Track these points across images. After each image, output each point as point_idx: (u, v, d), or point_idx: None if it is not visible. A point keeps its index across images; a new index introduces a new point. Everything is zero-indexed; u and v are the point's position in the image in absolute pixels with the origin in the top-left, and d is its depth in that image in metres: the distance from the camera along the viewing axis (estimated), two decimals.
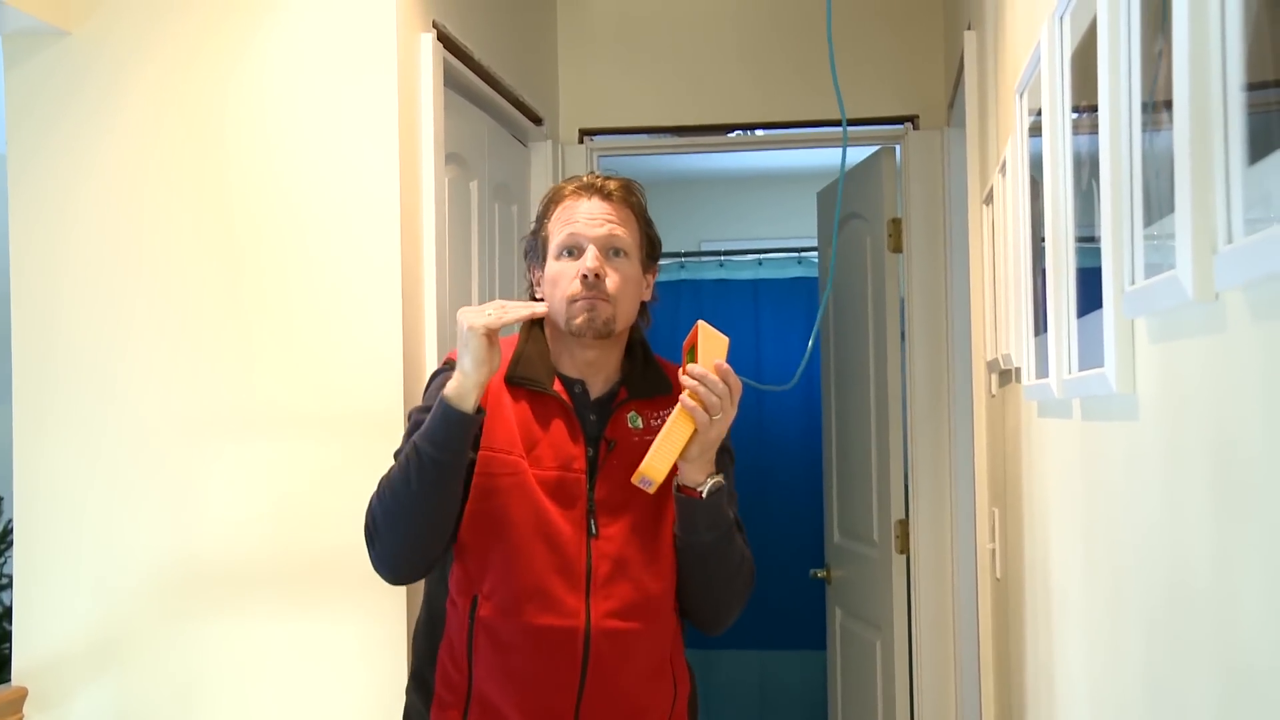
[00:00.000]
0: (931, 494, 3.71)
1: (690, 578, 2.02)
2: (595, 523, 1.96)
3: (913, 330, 3.76)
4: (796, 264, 6.23)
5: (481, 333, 1.86)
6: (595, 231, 2.00)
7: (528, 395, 2.00)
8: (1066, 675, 1.64)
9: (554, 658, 1.93)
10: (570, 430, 1.99)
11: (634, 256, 2.04)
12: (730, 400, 1.90)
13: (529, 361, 2.02)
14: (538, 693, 1.94)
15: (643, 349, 2.12)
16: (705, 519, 1.97)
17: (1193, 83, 0.84)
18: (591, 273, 1.97)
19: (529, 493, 1.94)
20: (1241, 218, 0.78)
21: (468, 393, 1.88)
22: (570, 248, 2.01)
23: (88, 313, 2.56)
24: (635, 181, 2.11)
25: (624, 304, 2.02)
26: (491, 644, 1.94)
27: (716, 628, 2.09)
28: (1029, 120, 1.79)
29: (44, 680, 2.52)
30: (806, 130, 3.88)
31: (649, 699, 2.02)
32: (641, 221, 2.08)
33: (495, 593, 1.94)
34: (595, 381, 2.05)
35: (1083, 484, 1.47)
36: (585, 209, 2.02)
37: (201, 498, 2.52)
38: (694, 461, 1.93)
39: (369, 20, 2.52)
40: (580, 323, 1.98)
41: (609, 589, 1.95)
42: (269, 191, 2.54)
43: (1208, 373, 0.91)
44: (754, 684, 6.12)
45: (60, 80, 2.58)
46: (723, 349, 1.92)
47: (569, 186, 2.07)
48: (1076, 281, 1.39)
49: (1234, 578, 0.85)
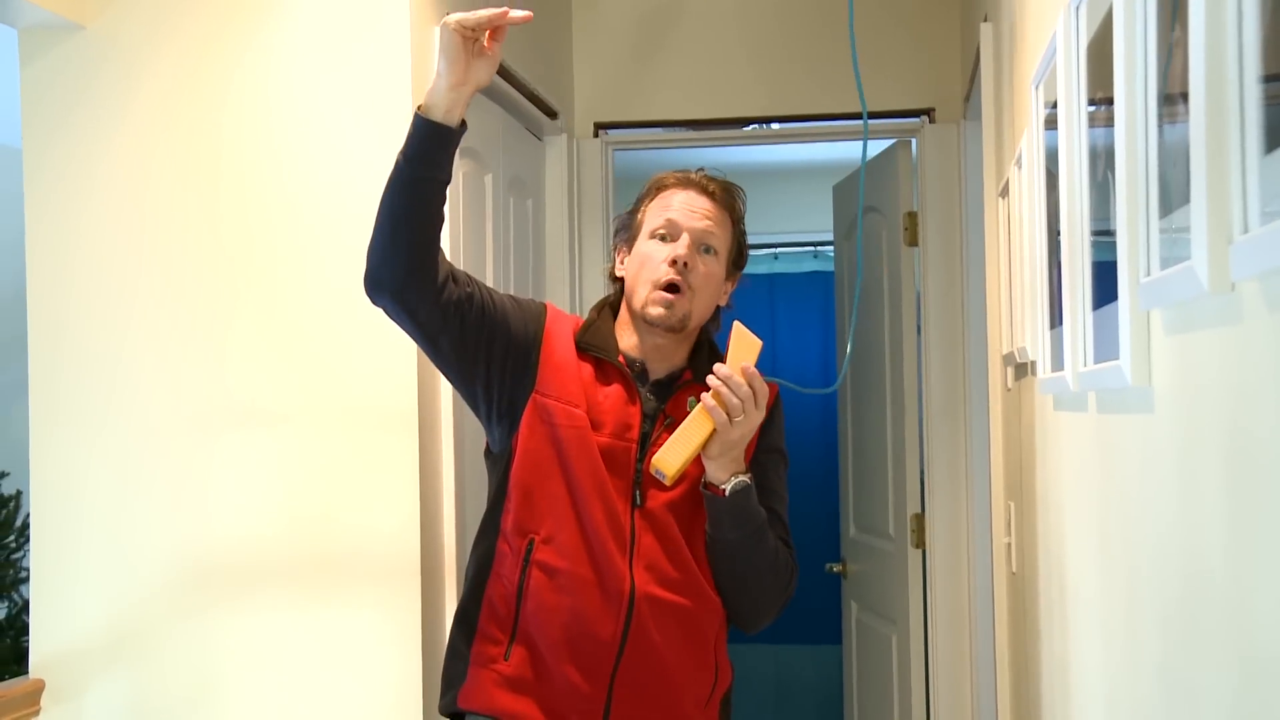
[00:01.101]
0: (947, 488, 3.70)
1: (720, 572, 2.05)
2: (641, 494, 1.99)
3: (929, 324, 3.74)
4: (812, 258, 6.21)
5: (453, 27, 1.82)
6: (692, 223, 2.04)
7: (594, 361, 2.03)
8: (1082, 669, 1.63)
9: (599, 613, 1.95)
10: (629, 401, 2.02)
11: (722, 258, 2.08)
12: (753, 404, 1.91)
13: (598, 332, 2.07)
14: (580, 643, 1.96)
15: (711, 347, 2.14)
16: (730, 517, 1.99)
17: (1209, 72, 0.83)
18: (682, 259, 2.00)
19: (589, 448, 1.97)
20: (1258, 208, 0.77)
21: (440, 97, 1.85)
22: (665, 233, 2.04)
23: (102, 307, 2.57)
24: (738, 187, 2.14)
25: (702, 300, 2.05)
26: (543, 587, 1.96)
27: (752, 625, 2.12)
28: (1045, 112, 1.78)
29: (61, 672, 2.53)
30: (822, 124, 3.87)
31: (687, 678, 2.03)
32: (736, 227, 2.12)
33: (554, 538, 1.97)
34: (657, 367, 2.08)
35: (1098, 477, 1.46)
36: (686, 200, 2.06)
37: (216, 491, 2.53)
38: (716, 460, 1.95)
39: (382, 14, 2.52)
40: (656, 315, 2.02)
41: (651, 559, 1.98)
42: (282, 185, 2.54)
43: (1223, 364, 0.90)
44: (770, 678, 6.12)
45: (75, 74, 2.58)
46: (754, 353, 1.94)
47: (673, 177, 2.11)
48: (1092, 274, 1.39)
49: (1249, 570, 0.84)
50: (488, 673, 1.99)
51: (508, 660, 1.98)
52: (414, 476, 2.47)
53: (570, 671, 1.96)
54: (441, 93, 1.85)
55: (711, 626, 2.05)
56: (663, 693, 2.00)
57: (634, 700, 1.98)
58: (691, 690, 2.04)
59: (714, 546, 2.02)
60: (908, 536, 3.79)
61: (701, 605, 2.02)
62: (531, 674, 1.97)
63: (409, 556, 2.46)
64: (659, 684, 2.00)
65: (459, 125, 1.88)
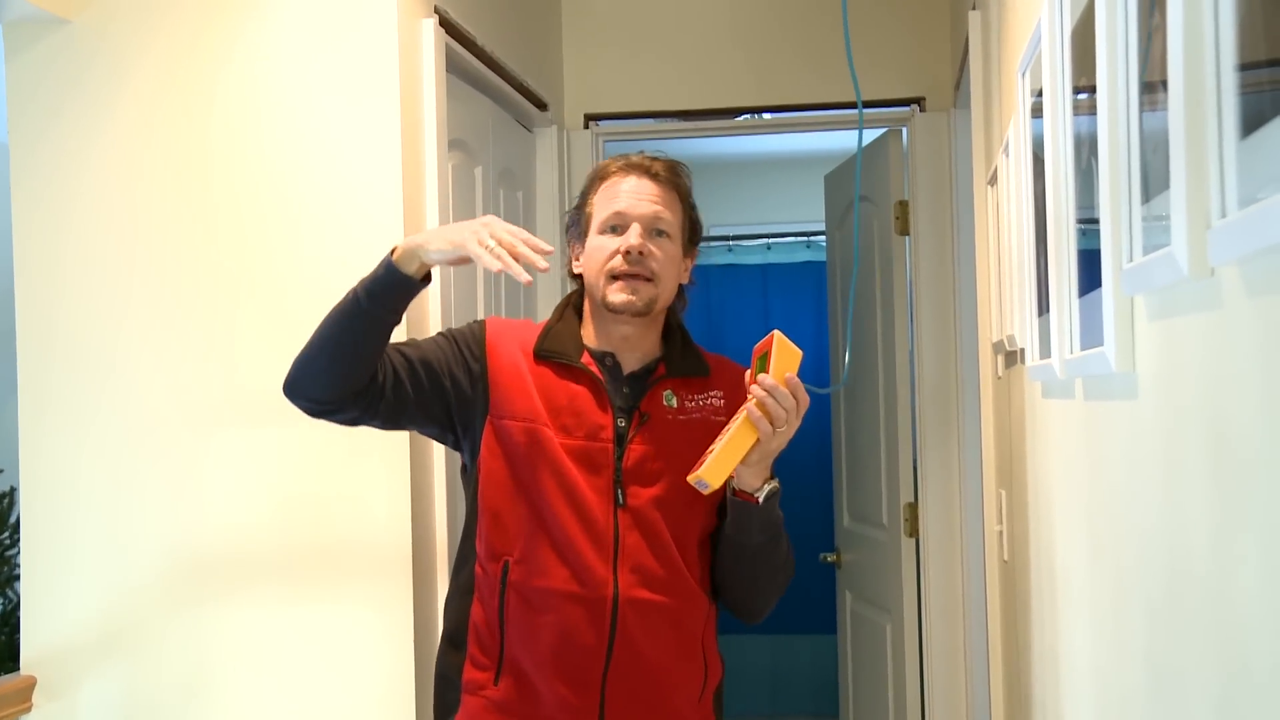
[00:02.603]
0: (940, 477, 3.70)
1: (736, 573, 2.05)
2: (623, 492, 1.98)
3: (920, 313, 3.74)
4: (805, 248, 6.21)
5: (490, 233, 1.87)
6: (640, 210, 2.03)
7: (554, 367, 2.03)
8: (1072, 655, 1.63)
9: (582, 624, 1.95)
10: (598, 400, 2.01)
11: (676, 238, 2.07)
12: (796, 414, 1.90)
13: (557, 336, 2.06)
14: (567, 657, 1.96)
15: (681, 332, 2.14)
16: (759, 523, 1.99)
17: (1187, 59, 0.83)
18: (635, 250, 2.00)
19: (554, 459, 1.96)
20: (1236, 193, 0.77)
21: (420, 262, 1.90)
22: (614, 225, 2.04)
23: (91, 303, 2.56)
24: (682, 163, 2.13)
25: (665, 284, 2.05)
26: (522, 609, 1.97)
27: (755, 617, 2.13)
28: (1031, 100, 1.78)
29: (53, 669, 2.53)
30: (814, 113, 3.87)
31: (677, 677, 2.03)
32: (685, 204, 2.11)
33: (526, 558, 1.97)
34: (629, 357, 2.07)
35: (1085, 465, 1.46)
36: (631, 187, 2.05)
37: (208, 487, 2.52)
38: (752, 467, 1.94)
39: (370, 6, 2.51)
40: (621, 302, 2.01)
41: (637, 559, 1.97)
42: (271, 179, 2.54)
43: (1205, 349, 0.90)
44: (765, 668, 6.13)
45: (61, 68, 2.57)
46: (795, 362, 1.91)
47: (615, 164, 2.10)
48: (1077, 261, 1.39)
49: (1231, 557, 0.84)
50: (478, 700, 2.00)
51: (497, 685, 1.99)
52: (405, 469, 2.46)
53: (560, 687, 1.96)
54: (427, 258, 1.90)
55: (698, 622, 2.05)
56: (654, 694, 2.00)
57: (626, 705, 1.98)
58: (683, 688, 2.04)
59: (736, 550, 2.02)
60: (901, 525, 3.79)
61: (687, 602, 2.02)
62: (522, 696, 1.98)
63: (401, 549, 2.46)
64: (650, 686, 1.99)
65: (426, 278, 1.93)
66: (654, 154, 2.12)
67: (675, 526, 2.01)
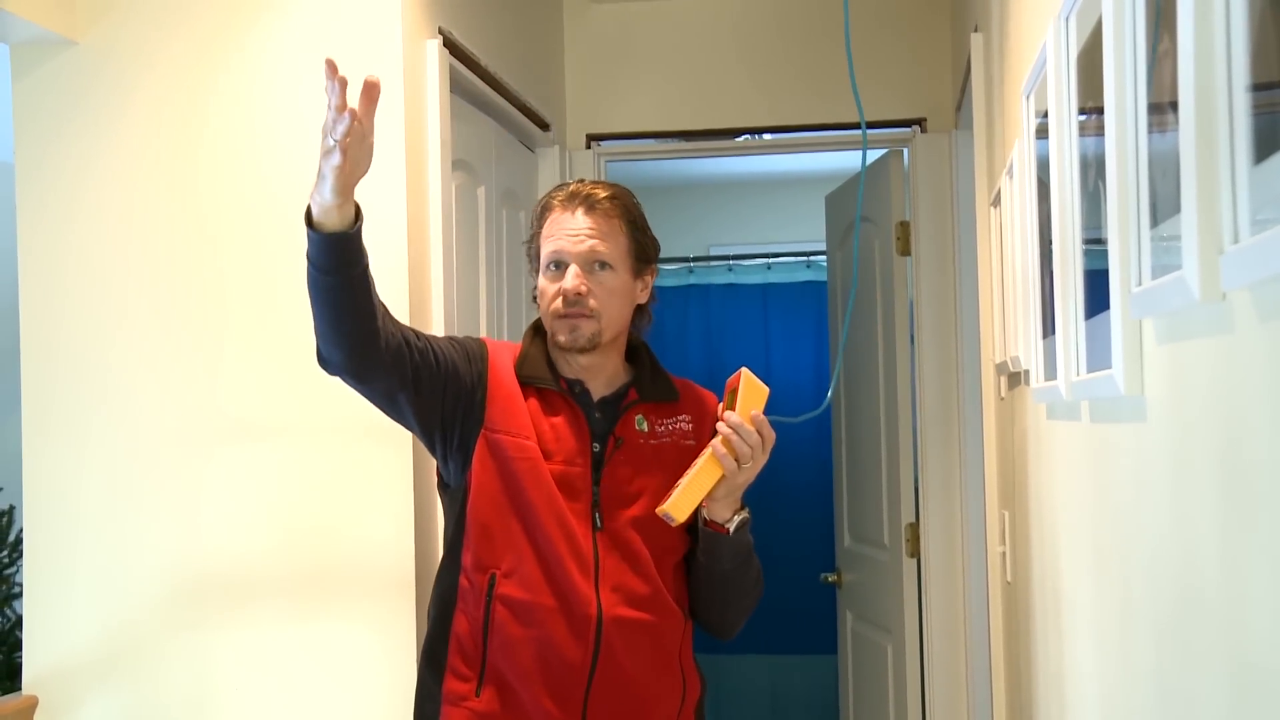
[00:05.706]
0: (942, 497, 3.70)
1: (708, 595, 2.11)
2: (600, 516, 2.02)
3: (922, 333, 3.75)
4: (805, 268, 6.22)
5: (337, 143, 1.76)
6: (577, 248, 2.05)
7: (536, 392, 2.06)
8: (1077, 678, 1.63)
9: (568, 640, 1.97)
10: (575, 426, 2.04)
11: (620, 266, 2.08)
12: (762, 450, 1.95)
13: (533, 361, 2.09)
14: (551, 671, 1.98)
15: (648, 354, 2.17)
16: (729, 551, 2.05)
17: (1198, 81, 0.84)
18: (571, 292, 2.02)
19: (544, 479, 1.99)
20: (1248, 218, 0.77)
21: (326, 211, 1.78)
22: (554, 263, 2.07)
23: (95, 321, 2.56)
24: (622, 187, 2.14)
25: (609, 315, 2.06)
26: (508, 621, 1.98)
27: (727, 635, 2.19)
28: (1035, 122, 1.78)
29: (54, 688, 2.52)
30: (815, 134, 3.88)
31: (657, 692, 2.07)
32: (630, 228, 2.10)
33: (515, 571, 1.98)
34: (595, 383, 2.11)
35: (1091, 487, 1.46)
36: (568, 225, 2.06)
37: (210, 506, 2.52)
38: (720, 501, 2.00)
39: (374, 27, 2.52)
40: (564, 340, 2.05)
41: (617, 579, 2.01)
42: (273, 199, 2.54)
43: (1215, 374, 0.90)
44: (765, 689, 6.11)
45: (67, 89, 2.58)
46: (762, 399, 1.97)
47: (557, 197, 2.11)
48: (1084, 283, 1.39)
49: (1242, 580, 0.84)
50: (460, 711, 2.00)
51: (479, 697, 2.00)
52: (408, 489, 2.46)
53: (543, 700, 1.98)
54: (330, 208, 1.78)
55: (676, 638, 2.09)
56: (636, 710, 2.04)
57: None
58: (663, 704, 2.08)
59: (706, 576, 2.08)
60: (902, 546, 3.79)
61: (665, 619, 2.06)
62: (504, 708, 1.99)
63: (403, 569, 2.45)
64: (631, 702, 2.03)
65: (356, 220, 1.81)
66: (594, 181, 2.15)
67: (653, 546, 2.04)
